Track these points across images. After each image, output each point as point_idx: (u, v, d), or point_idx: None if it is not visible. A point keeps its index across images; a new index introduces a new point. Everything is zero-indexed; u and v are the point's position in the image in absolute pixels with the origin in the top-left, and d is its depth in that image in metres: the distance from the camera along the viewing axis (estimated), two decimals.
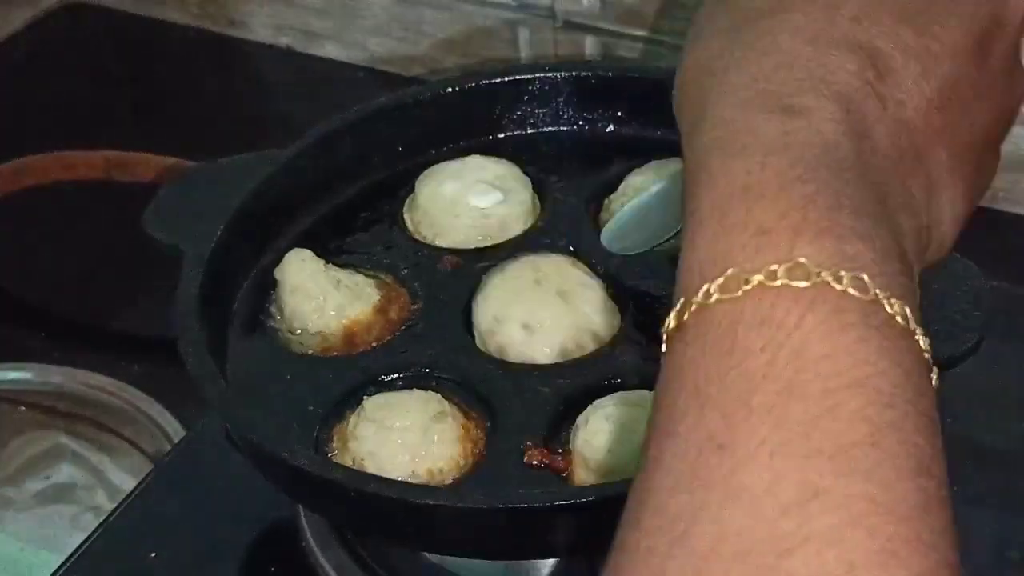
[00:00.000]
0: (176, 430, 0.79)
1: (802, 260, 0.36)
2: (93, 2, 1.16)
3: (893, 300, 0.37)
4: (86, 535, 0.71)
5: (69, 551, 0.70)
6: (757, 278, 0.36)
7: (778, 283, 0.36)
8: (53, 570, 0.70)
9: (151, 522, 0.71)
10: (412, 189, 0.74)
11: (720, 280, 0.37)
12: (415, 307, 0.68)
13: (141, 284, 0.90)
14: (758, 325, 0.36)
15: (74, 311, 0.92)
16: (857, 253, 0.37)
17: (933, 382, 0.39)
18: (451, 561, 0.66)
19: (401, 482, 0.60)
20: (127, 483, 0.78)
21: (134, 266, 0.90)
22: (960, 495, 0.73)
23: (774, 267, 0.36)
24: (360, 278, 0.69)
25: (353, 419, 0.62)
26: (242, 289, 0.70)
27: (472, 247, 0.72)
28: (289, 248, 0.69)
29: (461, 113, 0.77)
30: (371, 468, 0.60)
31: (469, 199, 0.72)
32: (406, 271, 0.71)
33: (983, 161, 0.46)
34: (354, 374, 0.65)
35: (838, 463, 0.34)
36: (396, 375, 0.65)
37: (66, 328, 0.91)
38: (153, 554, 0.69)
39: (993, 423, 0.76)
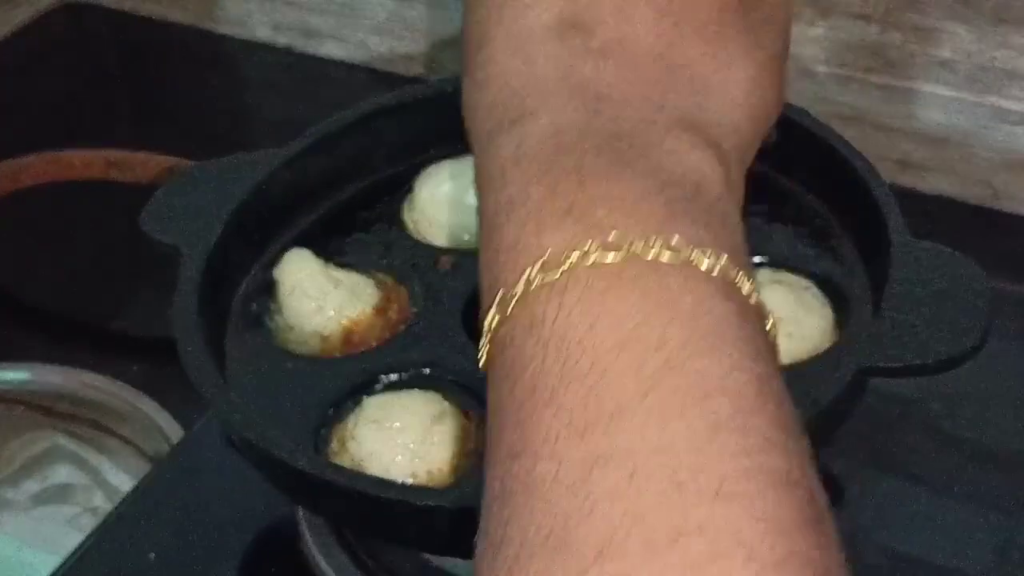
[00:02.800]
0: (175, 431, 0.79)
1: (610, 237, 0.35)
2: (93, 2, 1.16)
3: (696, 251, 0.36)
4: (85, 536, 0.71)
5: (68, 552, 0.70)
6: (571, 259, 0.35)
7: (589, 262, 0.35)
8: (51, 571, 0.70)
9: (150, 522, 0.71)
10: (412, 189, 0.74)
11: (539, 264, 0.36)
12: (415, 307, 0.68)
13: (141, 284, 0.90)
14: (540, 320, 0.35)
15: (74, 311, 0.92)
16: (646, 217, 0.36)
17: (753, 305, 0.37)
18: (451, 561, 0.65)
19: (401, 483, 0.59)
20: (126, 484, 0.78)
21: (134, 266, 0.90)
22: (960, 495, 0.73)
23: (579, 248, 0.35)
24: (360, 278, 0.69)
25: (353, 419, 0.62)
26: (241, 289, 0.70)
27: (472, 247, 0.71)
28: (288, 248, 0.69)
29: (461, 113, 0.77)
30: (371, 469, 0.60)
31: (469, 199, 0.72)
32: (406, 271, 0.70)
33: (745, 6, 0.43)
34: (354, 374, 0.65)
35: (616, 424, 0.33)
36: (396, 375, 0.65)
37: (66, 328, 0.91)
38: (152, 554, 0.69)
39: (993, 423, 0.76)
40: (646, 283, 0.34)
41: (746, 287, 0.36)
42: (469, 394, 0.64)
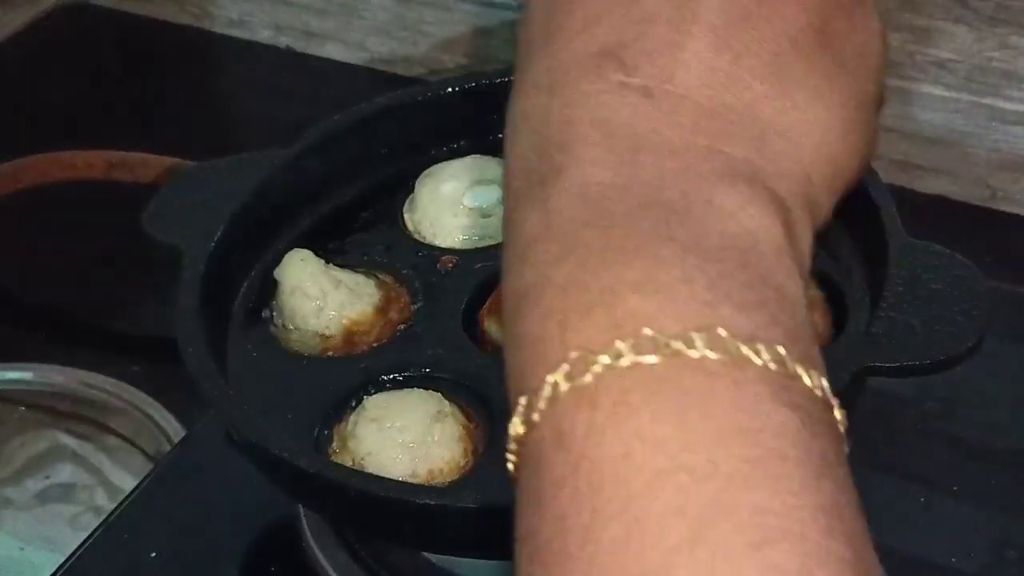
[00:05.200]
0: (176, 430, 0.79)
1: (649, 332, 0.30)
2: (93, 2, 1.16)
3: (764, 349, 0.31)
4: (86, 535, 0.71)
5: (69, 551, 0.71)
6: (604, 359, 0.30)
7: (628, 361, 0.30)
8: (53, 570, 0.70)
9: (151, 522, 0.71)
10: (412, 189, 0.74)
11: (564, 368, 0.30)
12: (415, 307, 0.68)
13: (141, 284, 0.90)
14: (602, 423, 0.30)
15: (74, 311, 0.92)
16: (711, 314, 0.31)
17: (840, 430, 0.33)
18: (451, 561, 0.66)
19: (401, 482, 0.60)
20: (127, 483, 0.78)
21: (134, 266, 0.90)
22: (960, 495, 0.73)
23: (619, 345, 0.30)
24: (360, 278, 0.69)
25: (353, 419, 0.62)
26: (242, 289, 0.70)
27: (472, 247, 0.72)
28: (289, 248, 0.70)
29: (461, 113, 0.77)
30: (371, 468, 0.60)
31: (469, 199, 0.72)
32: (406, 271, 0.71)
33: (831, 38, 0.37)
34: (354, 374, 0.65)
35: None
36: (396, 375, 0.65)
37: (66, 328, 0.91)
38: (153, 554, 0.70)
39: (993, 423, 0.77)
40: (687, 392, 0.30)
41: (808, 379, 0.32)
42: (469, 394, 0.64)
